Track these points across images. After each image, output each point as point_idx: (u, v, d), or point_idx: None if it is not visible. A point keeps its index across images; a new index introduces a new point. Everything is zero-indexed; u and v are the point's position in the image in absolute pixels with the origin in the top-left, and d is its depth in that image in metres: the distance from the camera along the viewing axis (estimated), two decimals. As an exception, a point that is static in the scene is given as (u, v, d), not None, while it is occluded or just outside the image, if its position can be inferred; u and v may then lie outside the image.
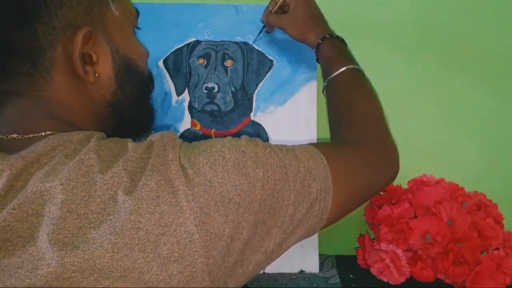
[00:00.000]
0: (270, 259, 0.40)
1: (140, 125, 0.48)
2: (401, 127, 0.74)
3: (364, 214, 0.71)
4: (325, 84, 0.58)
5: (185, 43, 0.70)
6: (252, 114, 0.71)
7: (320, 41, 0.60)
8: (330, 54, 0.59)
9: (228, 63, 0.70)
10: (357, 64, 0.58)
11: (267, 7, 0.66)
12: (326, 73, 0.59)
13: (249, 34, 0.70)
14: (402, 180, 0.71)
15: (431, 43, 0.71)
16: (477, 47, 0.72)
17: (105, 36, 0.42)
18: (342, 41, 0.61)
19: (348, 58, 0.59)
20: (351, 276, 0.70)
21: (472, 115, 0.74)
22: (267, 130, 0.71)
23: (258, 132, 0.71)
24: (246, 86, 0.70)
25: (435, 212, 0.62)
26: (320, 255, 0.72)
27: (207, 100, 0.70)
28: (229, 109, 0.70)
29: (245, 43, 0.70)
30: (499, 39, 0.71)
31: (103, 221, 0.33)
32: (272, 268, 0.70)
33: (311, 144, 0.46)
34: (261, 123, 0.71)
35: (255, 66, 0.70)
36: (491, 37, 0.71)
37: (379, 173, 0.50)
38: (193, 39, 0.70)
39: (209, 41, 0.70)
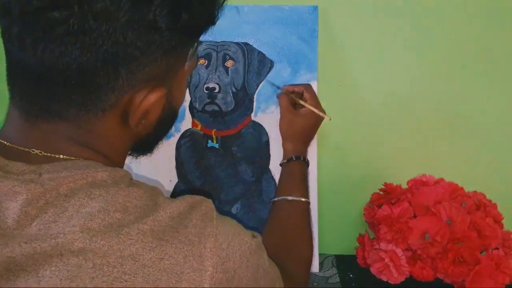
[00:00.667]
0: None
1: (152, 146, 0.49)
2: (401, 126, 0.75)
3: (364, 214, 0.72)
4: (279, 198, 0.62)
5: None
6: (252, 114, 0.71)
7: (294, 158, 0.64)
8: (296, 175, 0.63)
9: (229, 63, 0.70)
10: (309, 197, 0.64)
11: (289, 90, 0.67)
12: (284, 190, 0.62)
13: (250, 34, 0.70)
14: (401, 180, 0.72)
15: (431, 41, 0.71)
16: (477, 47, 0.72)
17: (168, 91, 0.40)
18: (308, 164, 0.66)
19: (307, 189, 0.64)
20: (351, 275, 0.70)
21: (471, 115, 0.74)
22: (267, 130, 0.71)
23: (259, 132, 0.71)
24: (247, 86, 0.71)
25: (434, 211, 0.62)
26: (320, 255, 0.72)
27: (208, 100, 0.70)
28: (229, 109, 0.71)
29: (246, 44, 0.70)
30: (499, 39, 0.71)
31: (117, 278, 0.32)
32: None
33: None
34: (261, 123, 0.71)
35: (255, 66, 0.70)
36: (491, 38, 0.71)
37: None
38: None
39: (210, 41, 0.70)
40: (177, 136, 0.71)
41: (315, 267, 0.70)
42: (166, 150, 0.71)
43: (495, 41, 0.71)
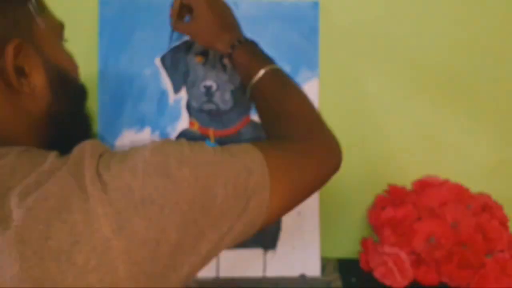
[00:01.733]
0: (207, 259, 0.39)
1: (77, 136, 0.47)
2: (405, 126, 0.73)
3: (367, 216, 0.71)
4: (248, 91, 0.58)
5: (183, 40, 0.69)
6: (251, 113, 0.69)
7: (231, 50, 0.59)
8: (245, 61, 0.58)
9: (227, 60, 0.68)
10: (275, 64, 0.58)
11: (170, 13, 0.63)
12: (245, 81, 0.58)
13: (249, 30, 0.68)
14: (406, 181, 0.71)
15: (433, 38, 0.70)
16: (481, 45, 0.71)
17: (35, 48, 0.42)
18: (253, 42, 0.60)
19: (264, 60, 0.58)
20: (354, 279, 0.68)
21: (477, 115, 0.73)
22: (267, 130, 0.70)
23: (258, 132, 0.69)
24: (246, 84, 0.69)
25: (439, 214, 0.62)
26: (322, 258, 0.71)
27: (205, 98, 0.69)
28: (228, 108, 0.69)
29: (245, 41, 0.69)
30: (502, 39, 0.71)
31: (7, 228, 0.33)
32: (272, 272, 0.69)
33: (249, 142, 0.46)
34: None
35: (255, 64, 0.69)
36: (494, 38, 0.71)
37: (319, 165, 0.50)
38: (191, 36, 0.69)
39: (208, 38, 0.68)
40: (173, 135, 0.69)
41: (316, 271, 0.69)
42: (163, 150, 0.69)
43: (499, 40, 0.71)
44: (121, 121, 0.69)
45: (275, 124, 0.54)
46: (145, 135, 0.69)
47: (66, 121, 0.46)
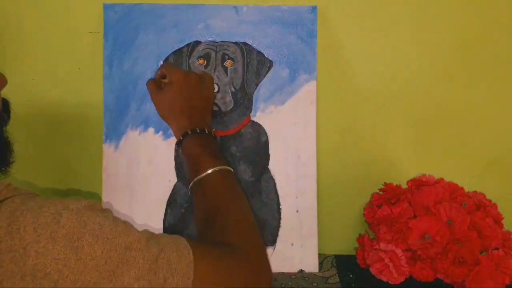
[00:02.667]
0: None
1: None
2: (401, 126, 0.74)
3: (364, 214, 0.72)
4: (190, 186, 0.55)
5: (185, 44, 0.70)
6: (251, 114, 0.71)
7: (182, 137, 0.56)
8: (194, 152, 0.55)
9: (228, 63, 0.70)
10: (225, 161, 0.55)
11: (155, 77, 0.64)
12: (191, 173, 0.55)
13: (249, 34, 0.70)
14: (401, 179, 0.72)
15: (430, 40, 0.71)
16: (477, 46, 0.71)
17: None
18: (209, 135, 0.57)
19: (214, 156, 0.55)
20: (351, 275, 0.70)
21: (472, 114, 0.74)
22: (266, 130, 0.71)
23: (258, 132, 0.71)
24: (246, 86, 0.71)
25: (434, 212, 0.62)
26: (320, 255, 0.72)
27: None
28: (229, 109, 0.70)
29: (245, 44, 0.70)
30: (499, 39, 0.71)
31: None
32: (272, 268, 0.69)
33: (184, 237, 0.43)
34: (261, 123, 0.71)
35: (254, 66, 0.70)
36: (492, 36, 0.71)
37: (250, 282, 0.45)
38: (193, 40, 0.70)
39: (209, 41, 0.70)
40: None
41: (314, 267, 0.70)
42: (165, 150, 0.71)
43: (496, 40, 0.71)
44: (126, 122, 0.71)
45: (213, 228, 0.50)
46: (149, 136, 0.71)
47: None
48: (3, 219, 0.33)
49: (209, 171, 0.53)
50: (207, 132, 0.57)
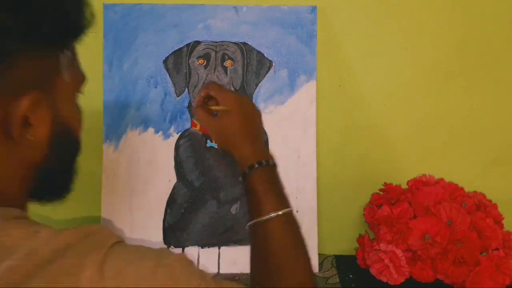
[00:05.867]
0: None
1: (60, 186, 0.45)
2: (400, 126, 0.74)
3: (364, 214, 0.72)
4: (251, 225, 0.53)
5: (185, 44, 0.70)
6: (251, 114, 0.71)
7: (248, 171, 0.54)
8: (259, 192, 0.52)
9: (228, 63, 0.70)
10: (288, 201, 0.53)
11: (199, 101, 0.60)
12: (253, 211, 0.53)
13: (249, 34, 0.70)
14: (401, 180, 0.72)
15: (430, 41, 0.71)
16: (477, 46, 0.71)
17: (50, 101, 0.39)
18: (273, 167, 0.55)
19: (278, 197, 0.52)
20: (351, 276, 0.70)
21: (471, 114, 0.74)
22: (267, 130, 0.71)
23: (258, 132, 0.71)
24: (246, 86, 0.71)
25: (434, 212, 0.62)
26: (320, 255, 0.72)
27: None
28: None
29: (245, 44, 0.70)
30: (499, 39, 0.71)
31: None
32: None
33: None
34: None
35: (254, 66, 0.70)
36: (491, 37, 0.71)
37: None
38: (193, 40, 0.70)
39: (209, 41, 0.70)
40: (176, 136, 0.71)
41: (314, 267, 0.70)
42: (165, 150, 0.71)
43: (496, 40, 0.71)
44: (125, 122, 0.71)
45: (265, 273, 0.50)
46: (149, 136, 0.71)
47: (54, 175, 0.44)
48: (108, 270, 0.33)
49: (273, 214, 0.51)
50: (271, 164, 0.55)
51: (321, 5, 0.70)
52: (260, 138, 0.58)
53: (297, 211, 0.70)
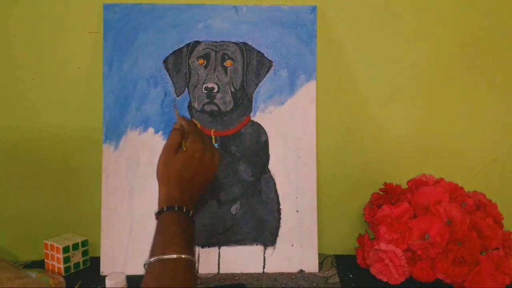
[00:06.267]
0: None
1: None
2: (400, 126, 0.74)
3: (364, 214, 0.72)
4: (150, 260, 0.51)
5: (185, 44, 0.70)
6: (251, 114, 0.71)
7: (165, 209, 0.54)
8: (171, 229, 0.52)
9: (228, 63, 0.70)
10: (193, 252, 0.52)
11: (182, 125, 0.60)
12: (155, 247, 0.52)
13: (249, 34, 0.70)
14: (401, 179, 0.72)
15: (430, 40, 0.71)
16: (476, 45, 0.72)
17: None
18: (192, 218, 0.55)
19: (187, 242, 0.52)
20: (351, 275, 0.70)
21: (471, 114, 0.74)
22: (266, 130, 0.71)
23: (258, 132, 0.71)
24: (246, 86, 0.71)
25: (434, 212, 0.62)
26: (320, 255, 0.72)
27: (206, 100, 0.70)
28: (228, 109, 0.70)
29: (245, 44, 0.70)
30: (499, 39, 0.71)
31: None
32: (272, 268, 0.70)
33: None
34: (260, 123, 0.71)
35: (254, 66, 0.70)
36: (492, 36, 0.71)
37: None
38: (193, 40, 0.70)
39: (209, 41, 0.70)
40: (176, 136, 0.71)
41: (314, 267, 0.70)
42: (165, 150, 0.71)
43: (496, 40, 0.71)
44: (125, 122, 0.71)
45: None
46: (149, 136, 0.71)
47: None
48: None
49: (174, 256, 0.50)
50: (191, 215, 0.55)
51: (321, 5, 0.70)
52: (193, 192, 0.58)
53: (297, 211, 0.71)
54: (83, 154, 0.75)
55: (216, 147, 0.71)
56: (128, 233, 0.70)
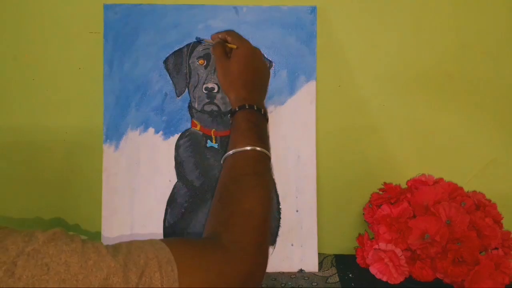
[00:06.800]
0: None
1: None
2: (400, 126, 0.75)
3: (363, 214, 0.72)
4: (224, 157, 0.53)
5: (185, 44, 0.70)
6: (251, 114, 0.71)
7: (237, 109, 0.55)
8: (243, 126, 0.53)
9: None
10: (268, 147, 0.53)
11: (220, 38, 0.64)
12: (230, 144, 0.53)
13: (249, 34, 0.70)
14: (401, 179, 0.72)
15: (430, 41, 0.71)
16: (476, 46, 0.72)
17: None
18: (264, 115, 0.56)
19: (260, 137, 0.53)
20: (350, 275, 0.70)
21: (471, 114, 0.74)
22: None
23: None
24: (246, 86, 0.71)
25: (434, 211, 0.62)
26: (320, 254, 0.72)
27: (207, 100, 0.70)
28: (228, 109, 0.71)
29: (245, 44, 0.70)
30: (499, 39, 0.71)
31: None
32: (271, 267, 0.70)
33: (165, 244, 0.40)
34: (260, 123, 0.71)
35: (254, 66, 0.70)
36: (491, 38, 0.71)
37: (239, 283, 0.42)
38: (193, 40, 0.70)
39: (209, 42, 0.70)
40: (176, 136, 0.71)
41: (314, 266, 0.70)
42: (165, 149, 0.71)
43: (496, 40, 0.71)
44: (126, 122, 0.71)
45: (222, 212, 0.48)
46: (149, 136, 0.71)
47: None
48: None
49: (248, 148, 0.51)
50: (263, 113, 0.56)
51: (321, 5, 0.70)
52: (259, 90, 0.59)
53: (297, 211, 0.71)
54: (83, 154, 0.76)
55: (216, 147, 0.71)
56: (129, 233, 0.70)
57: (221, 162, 0.55)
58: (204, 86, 0.70)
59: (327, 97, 0.72)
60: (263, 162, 0.52)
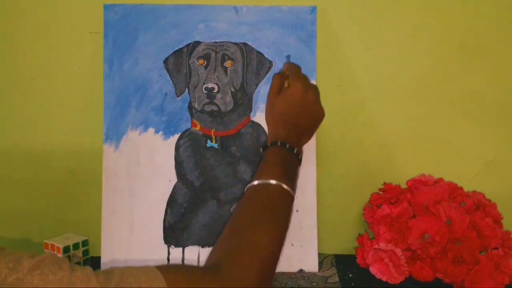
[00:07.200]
0: None
1: None
2: (400, 126, 0.75)
3: (363, 214, 0.72)
4: (247, 187, 0.52)
5: (185, 44, 0.70)
6: (251, 114, 0.71)
7: (269, 145, 0.56)
8: (270, 161, 0.53)
9: (228, 63, 0.70)
10: (294, 187, 0.52)
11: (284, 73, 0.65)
12: (255, 176, 0.53)
13: (249, 35, 0.70)
14: (401, 179, 0.72)
15: (430, 41, 0.71)
16: (476, 46, 0.72)
17: None
18: (297, 156, 0.56)
19: (286, 175, 0.51)
20: (350, 275, 0.70)
21: (471, 114, 0.74)
22: (266, 130, 0.71)
23: (258, 132, 0.71)
24: (246, 86, 0.71)
25: (434, 211, 0.62)
26: (320, 254, 0.72)
27: (207, 100, 0.70)
28: (229, 109, 0.71)
29: (245, 44, 0.70)
30: (499, 39, 0.71)
31: None
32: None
33: (161, 274, 0.39)
34: (260, 123, 0.71)
35: (254, 66, 0.70)
36: (491, 38, 0.71)
37: None
38: (193, 40, 0.70)
39: (209, 42, 0.70)
40: (176, 136, 0.71)
41: (314, 266, 0.70)
42: (166, 150, 0.71)
43: (496, 40, 0.72)
44: (126, 122, 0.71)
45: (229, 241, 0.47)
46: (149, 136, 0.71)
47: None
48: None
49: (272, 181, 0.50)
50: (295, 153, 0.55)
51: (321, 5, 0.70)
52: (299, 133, 0.59)
53: (297, 211, 0.71)
54: (83, 154, 0.76)
55: (216, 147, 0.71)
56: (128, 233, 0.70)
57: (244, 191, 0.53)
58: (204, 86, 0.70)
59: (327, 97, 0.72)
60: (284, 200, 0.51)
